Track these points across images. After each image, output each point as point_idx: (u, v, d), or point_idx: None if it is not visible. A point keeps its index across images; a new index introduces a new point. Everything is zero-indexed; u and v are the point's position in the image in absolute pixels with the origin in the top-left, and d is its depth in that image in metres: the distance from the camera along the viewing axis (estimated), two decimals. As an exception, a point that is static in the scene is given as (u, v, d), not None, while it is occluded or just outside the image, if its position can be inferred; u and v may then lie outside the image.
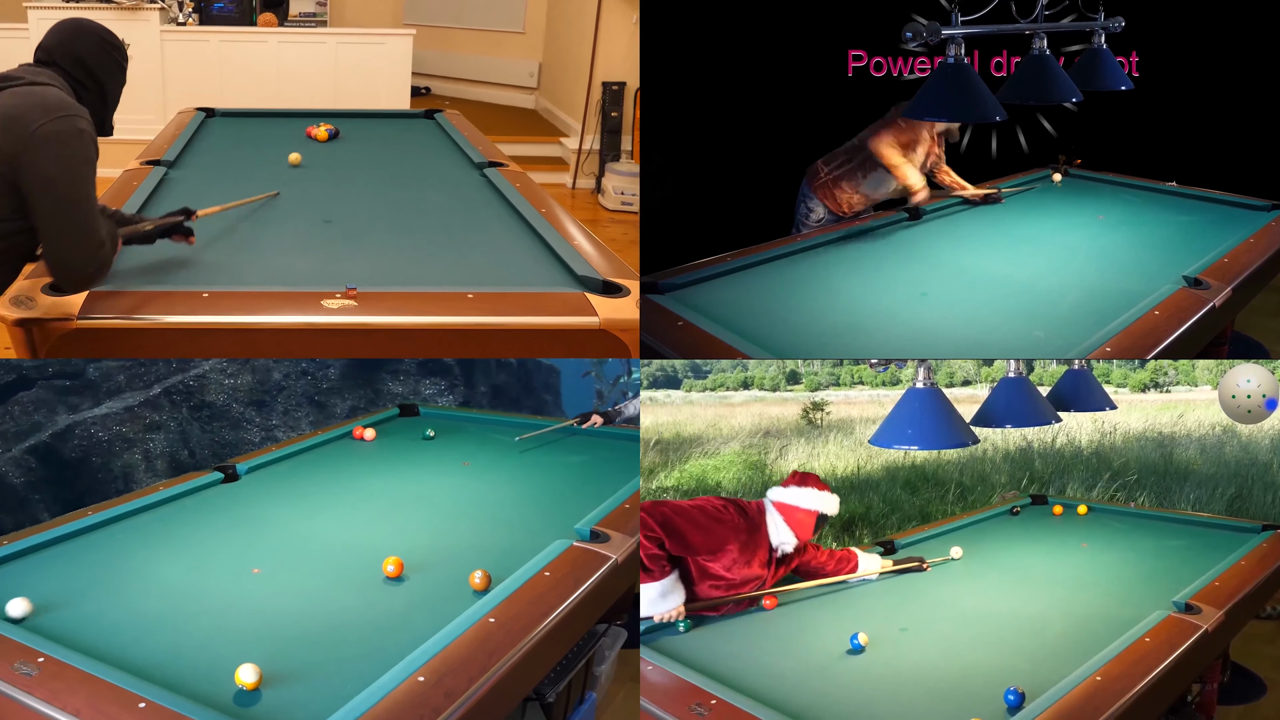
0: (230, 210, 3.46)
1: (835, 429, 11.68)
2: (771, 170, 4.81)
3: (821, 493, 3.14)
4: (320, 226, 3.46)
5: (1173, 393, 17.05)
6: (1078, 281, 3.55)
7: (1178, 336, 3.12)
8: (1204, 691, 3.33)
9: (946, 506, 6.92)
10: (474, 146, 4.63)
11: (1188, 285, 3.41)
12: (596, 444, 4.15)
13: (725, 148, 5.18)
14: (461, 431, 4.41)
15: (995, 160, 5.32)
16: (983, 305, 3.35)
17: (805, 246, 3.94)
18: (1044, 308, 3.31)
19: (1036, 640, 2.75)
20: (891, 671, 2.53)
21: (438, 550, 2.90)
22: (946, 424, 2.82)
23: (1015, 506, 4.46)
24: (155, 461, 5.87)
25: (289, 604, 2.54)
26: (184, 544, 2.95)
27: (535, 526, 3.09)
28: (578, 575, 2.68)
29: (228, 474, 3.55)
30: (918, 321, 3.22)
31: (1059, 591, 3.24)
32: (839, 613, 2.98)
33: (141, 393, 6.02)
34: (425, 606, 2.51)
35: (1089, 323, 3.16)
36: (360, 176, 4.18)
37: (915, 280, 3.60)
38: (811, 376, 20.08)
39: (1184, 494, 7.80)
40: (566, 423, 4.31)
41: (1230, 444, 9.70)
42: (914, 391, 2.86)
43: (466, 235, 3.45)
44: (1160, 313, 3.20)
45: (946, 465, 8.63)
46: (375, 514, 3.30)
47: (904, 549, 3.64)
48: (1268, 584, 3.36)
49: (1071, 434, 10.07)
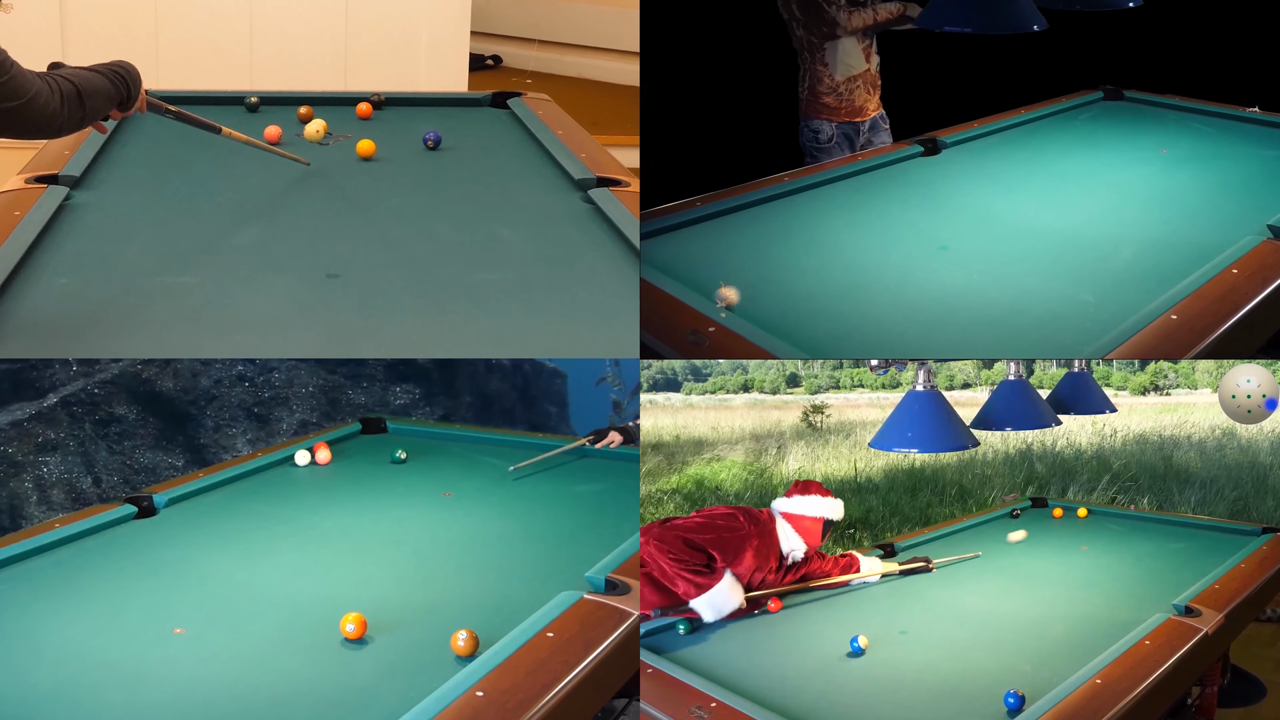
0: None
1: (835, 432, 11.68)
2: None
3: (825, 499, 3.15)
4: (322, 283, 2.41)
5: (1173, 395, 17.05)
6: (1135, 232, 2.95)
7: (1263, 299, 2.52)
8: (1204, 694, 3.33)
9: (946, 509, 6.92)
10: (573, 153, 3.26)
11: (1275, 237, 2.78)
12: (612, 469, 3.50)
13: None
14: (441, 453, 3.70)
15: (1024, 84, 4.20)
16: (1016, 261, 2.78)
17: (798, 187, 3.27)
18: (1093, 264, 2.75)
19: (1036, 643, 2.75)
20: (891, 674, 2.53)
21: (411, 604, 2.38)
22: (946, 427, 2.82)
23: (1015, 509, 4.46)
24: (50, 491, 4.73)
25: (220, 673, 2.05)
26: (87, 597, 2.40)
27: (535, 574, 2.56)
28: (589, 637, 2.18)
29: (142, 507, 2.94)
30: (934, 282, 2.67)
31: (1059, 594, 3.24)
32: (839, 615, 2.98)
33: (33, 403, 4.82)
34: (395, 676, 2.04)
35: (1149, 283, 2.59)
36: (390, 199, 2.98)
37: (933, 230, 3.02)
38: (811, 379, 20.08)
39: (1184, 497, 7.80)
40: (577, 442, 3.63)
41: (1230, 447, 9.70)
42: (914, 394, 2.86)
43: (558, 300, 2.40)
44: (1240, 270, 2.61)
45: (946, 468, 8.64)
46: (331, 558, 2.71)
47: (904, 552, 3.64)
48: (1268, 587, 3.36)
49: (1072, 437, 10.07)
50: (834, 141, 3.99)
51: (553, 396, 6.61)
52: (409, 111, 3.82)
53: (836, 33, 3.89)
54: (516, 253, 2.63)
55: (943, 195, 3.28)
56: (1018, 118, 4.00)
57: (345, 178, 3.11)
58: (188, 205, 2.86)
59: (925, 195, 3.28)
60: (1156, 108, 4.24)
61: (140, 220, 2.75)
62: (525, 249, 2.65)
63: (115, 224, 2.70)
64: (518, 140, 3.57)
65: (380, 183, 3.10)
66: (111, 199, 2.87)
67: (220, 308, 2.28)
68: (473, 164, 3.34)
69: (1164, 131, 3.96)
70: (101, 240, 2.58)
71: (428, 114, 3.78)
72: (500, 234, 2.74)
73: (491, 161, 3.38)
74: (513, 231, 2.76)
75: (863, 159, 3.55)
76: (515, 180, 3.19)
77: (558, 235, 2.75)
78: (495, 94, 4.00)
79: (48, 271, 2.41)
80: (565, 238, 2.74)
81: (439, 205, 2.94)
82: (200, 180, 3.05)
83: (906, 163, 3.54)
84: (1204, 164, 3.57)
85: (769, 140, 4.30)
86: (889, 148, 3.67)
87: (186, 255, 2.53)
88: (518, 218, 2.86)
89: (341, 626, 2.19)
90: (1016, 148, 3.71)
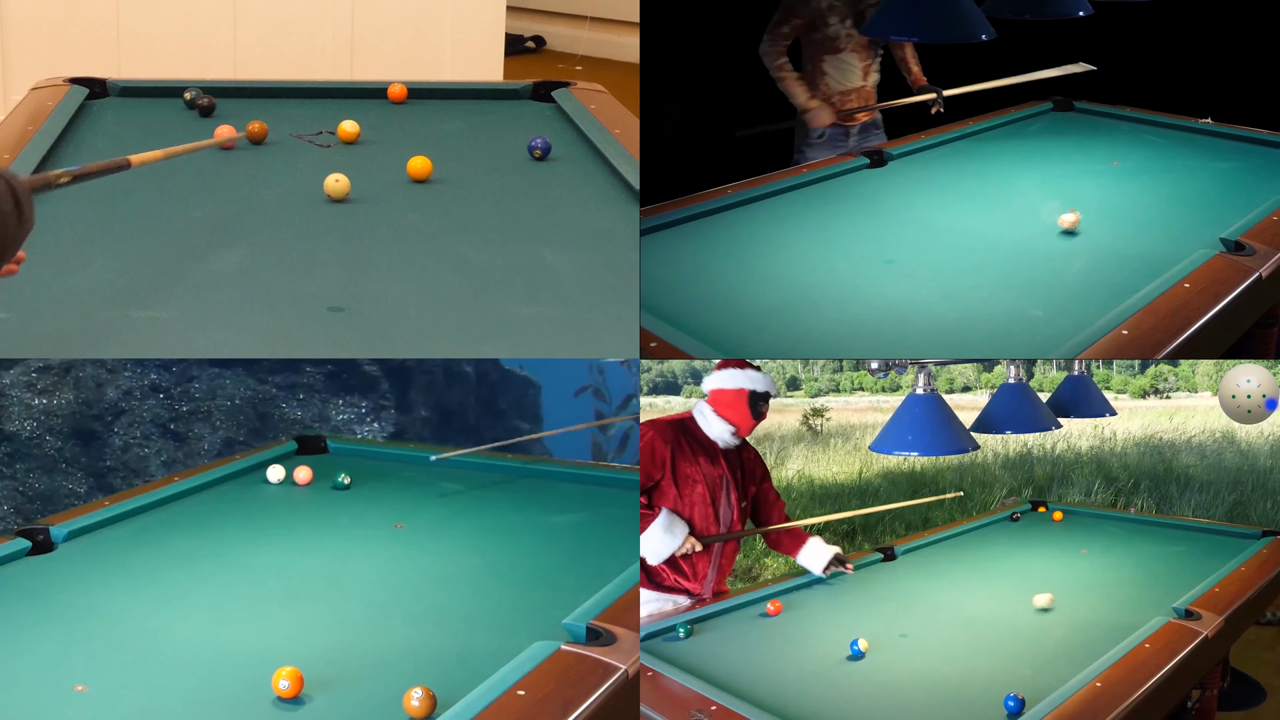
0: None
1: (835, 435, 11.68)
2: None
3: (746, 370, 3.03)
4: (324, 316, 2.12)
5: (1173, 399, 17.06)
6: (1086, 245, 2.92)
7: (1215, 315, 2.50)
8: (1204, 698, 3.33)
9: (946, 512, 6.92)
10: (632, 157, 2.92)
11: (1227, 251, 2.77)
12: (595, 495, 3.12)
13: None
14: (392, 478, 3.27)
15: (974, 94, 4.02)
16: (964, 275, 2.74)
17: (742, 200, 3.15)
18: (1043, 278, 2.72)
19: (1036, 646, 2.75)
20: (891, 677, 2.52)
21: (356, 657, 2.05)
22: (946, 430, 2.82)
23: (1015, 512, 4.47)
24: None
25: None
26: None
27: (503, 621, 2.22)
28: (568, 695, 1.87)
29: (38, 541, 2.56)
30: (880, 297, 2.62)
31: (1059, 597, 3.24)
32: (839, 618, 2.98)
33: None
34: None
35: (1100, 296, 2.56)
36: (411, 214, 2.63)
37: (879, 243, 2.95)
38: (811, 383, 20.09)
39: (1184, 500, 7.81)
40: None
41: (1230, 450, 9.72)
42: (914, 398, 2.86)
43: None
44: (1192, 285, 2.58)
45: (946, 471, 8.64)
46: (262, 602, 2.32)
47: (904, 555, 3.64)
48: (1267, 590, 3.36)
49: (1072, 440, 10.09)
50: (823, 139, 3.99)
51: (524, 409, 5.73)
52: (430, 106, 3.30)
53: (839, 47, 3.91)
54: (574, 280, 2.30)
55: (890, 208, 3.22)
56: (966, 129, 3.93)
57: (357, 190, 2.68)
58: (155, 221, 2.50)
59: (872, 208, 3.22)
60: (1108, 119, 4.16)
61: (97, 240, 2.38)
62: (579, 276, 2.31)
63: (64, 245, 2.32)
64: (565, 141, 3.12)
65: (397, 196, 2.70)
66: (62, 213, 2.42)
67: (196, 349, 2.06)
68: (510, 171, 2.91)
69: (1115, 143, 3.89)
70: (47, 265, 2.16)
71: (454, 108, 3.26)
72: (549, 257, 2.40)
73: (534, 170, 2.94)
74: (563, 255, 2.41)
75: (808, 171, 3.45)
76: (564, 189, 2.82)
77: (617, 256, 2.41)
78: (537, 84, 3.47)
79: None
80: (624, 260, 2.38)
81: (473, 221, 2.58)
82: (171, 190, 2.67)
83: (852, 175, 3.45)
84: (1156, 176, 3.53)
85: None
86: (834, 159, 3.56)
87: (153, 284, 2.19)
88: (570, 238, 2.50)
89: (274, 683, 1.86)
90: (965, 159, 3.65)
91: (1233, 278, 2.64)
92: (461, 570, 2.57)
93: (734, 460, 3.15)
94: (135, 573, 2.46)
